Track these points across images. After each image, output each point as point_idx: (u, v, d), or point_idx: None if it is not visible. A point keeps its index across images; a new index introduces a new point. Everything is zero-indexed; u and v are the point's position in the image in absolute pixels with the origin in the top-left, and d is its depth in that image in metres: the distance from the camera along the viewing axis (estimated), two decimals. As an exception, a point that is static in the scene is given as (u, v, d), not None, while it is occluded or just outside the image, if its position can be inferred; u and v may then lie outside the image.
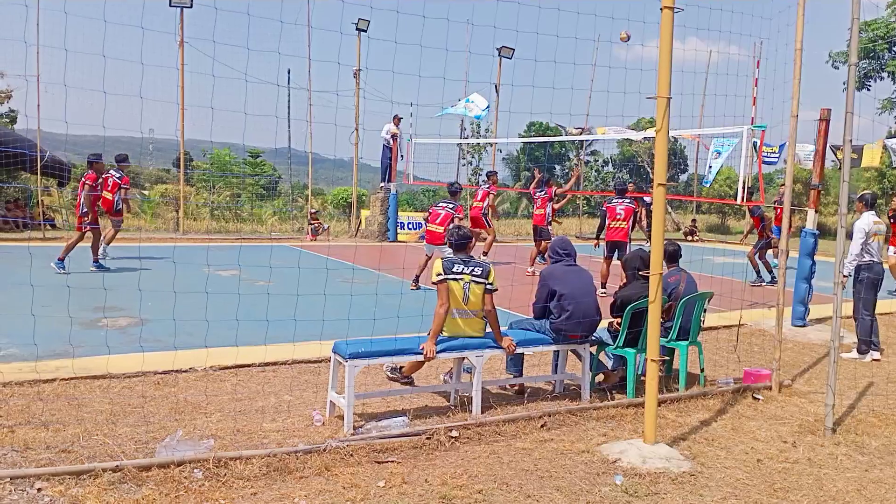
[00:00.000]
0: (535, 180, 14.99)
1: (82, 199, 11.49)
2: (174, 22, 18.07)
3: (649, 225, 16.12)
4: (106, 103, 5.71)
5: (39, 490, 3.88)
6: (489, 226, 15.12)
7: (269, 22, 6.39)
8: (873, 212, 8.18)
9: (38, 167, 17.08)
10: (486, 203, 14.98)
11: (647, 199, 16.26)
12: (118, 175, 12.16)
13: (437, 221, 11.27)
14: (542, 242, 13.58)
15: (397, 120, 19.49)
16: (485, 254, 14.91)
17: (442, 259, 5.60)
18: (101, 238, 11.90)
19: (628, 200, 11.47)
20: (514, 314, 7.61)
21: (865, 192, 8.36)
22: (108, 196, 12.07)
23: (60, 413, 5.15)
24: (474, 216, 14.97)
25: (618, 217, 11.39)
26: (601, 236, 11.56)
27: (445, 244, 11.41)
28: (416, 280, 11.31)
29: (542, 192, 13.73)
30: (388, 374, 6.28)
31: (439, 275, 5.51)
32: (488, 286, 5.58)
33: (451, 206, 11.43)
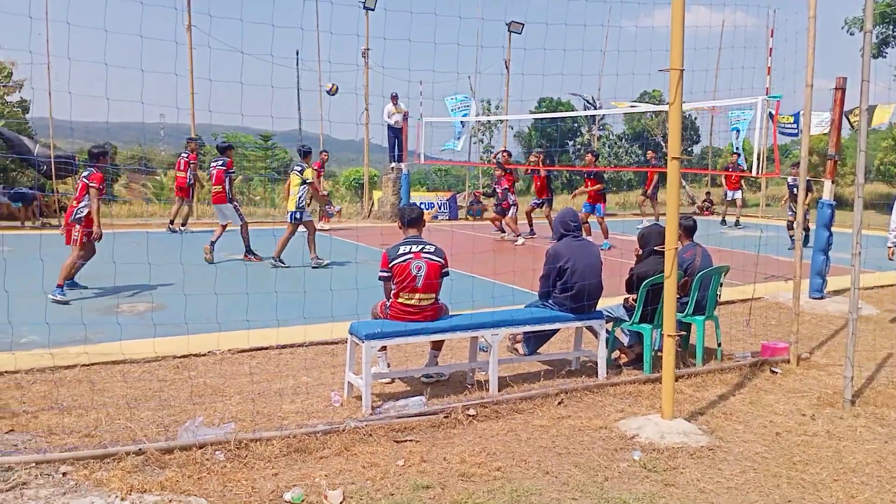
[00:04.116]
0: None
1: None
2: (181, 5, 18.00)
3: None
4: (107, 90, 5.76)
5: (65, 474, 3.93)
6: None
7: (278, 6, 6.36)
8: None
9: (52, 162, 17.24)
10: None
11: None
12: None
13: (213, 181, 11.74)
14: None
15: (395, 99, 19.36)
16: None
17: None
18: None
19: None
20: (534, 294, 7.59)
21: None
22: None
23: (82, 398, 5.22)
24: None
25: None
26: None
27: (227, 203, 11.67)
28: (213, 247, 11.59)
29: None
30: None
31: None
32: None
33: (220, 162, 11.80)
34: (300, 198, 10.90)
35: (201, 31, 17.69)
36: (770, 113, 12.16)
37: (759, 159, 11.24)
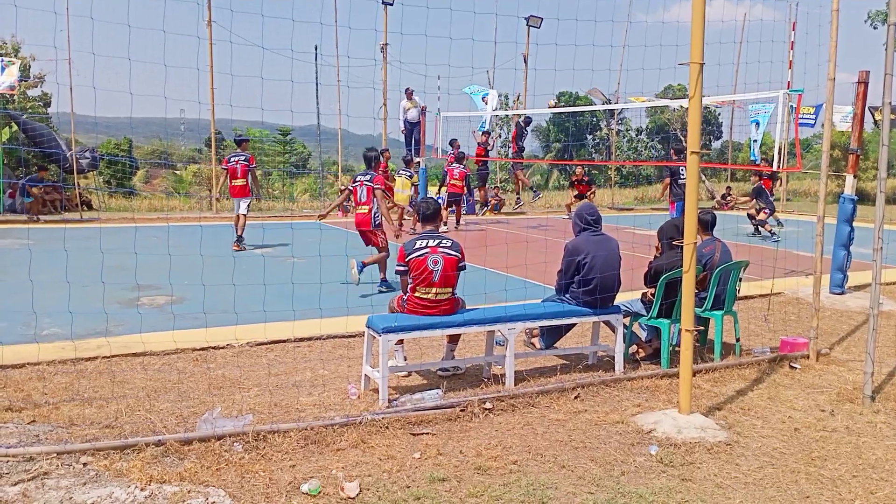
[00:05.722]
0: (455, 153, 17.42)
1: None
2: (202, 0, 18.09)
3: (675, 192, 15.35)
4: (130, 85, 5.84)
5: (85, 465, 3.99)
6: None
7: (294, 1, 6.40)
8: None
9: (74, 157, 17.46)
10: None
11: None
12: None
13: (239, 175, 12.18)
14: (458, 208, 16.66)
15: (409, 93, 19.35)
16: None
17: None
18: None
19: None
20: (550, 288, 7.58)
21: None
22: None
23: (103, 390, 5.29)
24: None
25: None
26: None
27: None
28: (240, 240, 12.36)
29: (462, 167, 16.42)
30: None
31: None
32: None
33: (243, 158, 12.22)
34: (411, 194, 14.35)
35: (221, 27, 17.79)
36: (791, 107, 12.01)
37: (779, 154, 11.11)
